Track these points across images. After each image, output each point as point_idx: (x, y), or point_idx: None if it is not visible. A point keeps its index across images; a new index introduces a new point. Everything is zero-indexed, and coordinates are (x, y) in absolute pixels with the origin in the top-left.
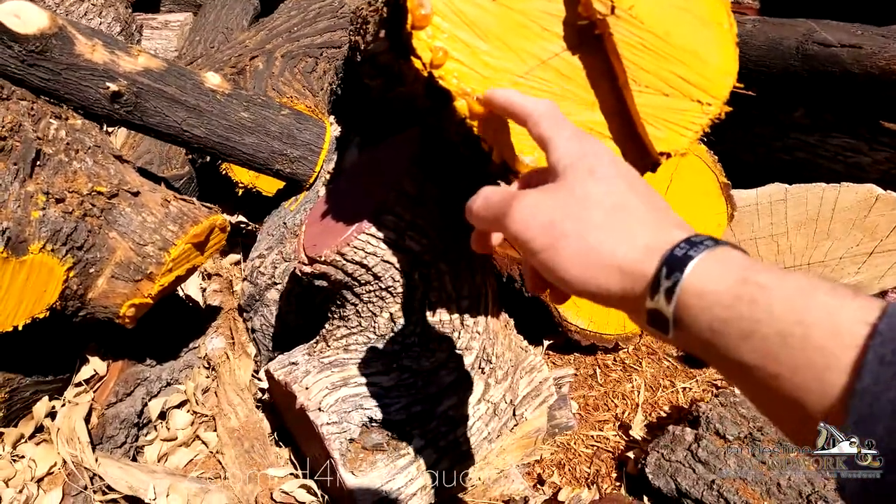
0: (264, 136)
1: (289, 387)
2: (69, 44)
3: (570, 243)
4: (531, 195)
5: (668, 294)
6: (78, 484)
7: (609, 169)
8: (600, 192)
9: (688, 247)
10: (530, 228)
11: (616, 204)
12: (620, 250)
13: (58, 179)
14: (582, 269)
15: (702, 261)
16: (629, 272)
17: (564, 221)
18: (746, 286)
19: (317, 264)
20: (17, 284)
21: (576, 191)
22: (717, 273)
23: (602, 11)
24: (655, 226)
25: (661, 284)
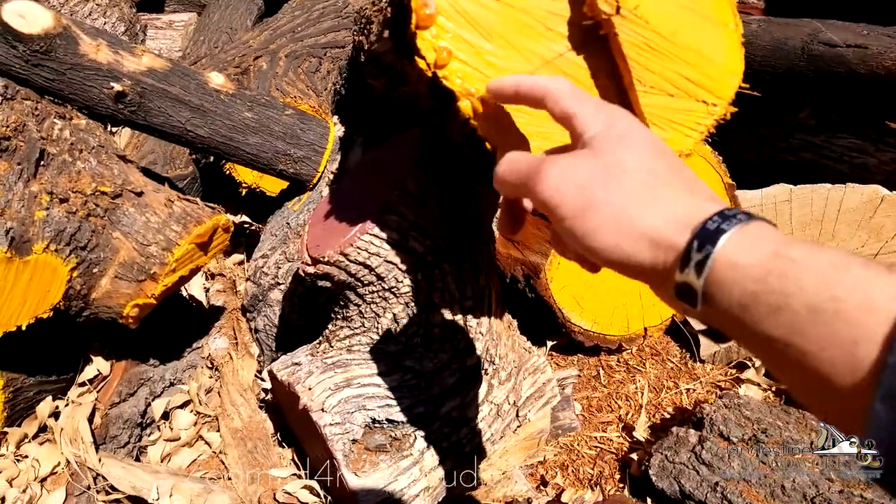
0: (268, 136)
1: (292, 387)
2: (73, 44)
3: (600, 210)
4: (562, 159)
5: (698, 267)
6: (81, 484)
7: (640, 137)
8: (633, 160)
9: (720, 220)
10: (560, 193)
11: (649, 172)
12: (652, 220)
13: (62, 179)
14: (612, 237)
15: (734, 234)
16: (660, 243)
17: (596, 187)
18: (778, 260)
19: (320, 265)
20: (21, 284)
21: (608, 157)
22: (748, 246)
23: (607, 11)
24: (688, 197)
25: (691, 257)
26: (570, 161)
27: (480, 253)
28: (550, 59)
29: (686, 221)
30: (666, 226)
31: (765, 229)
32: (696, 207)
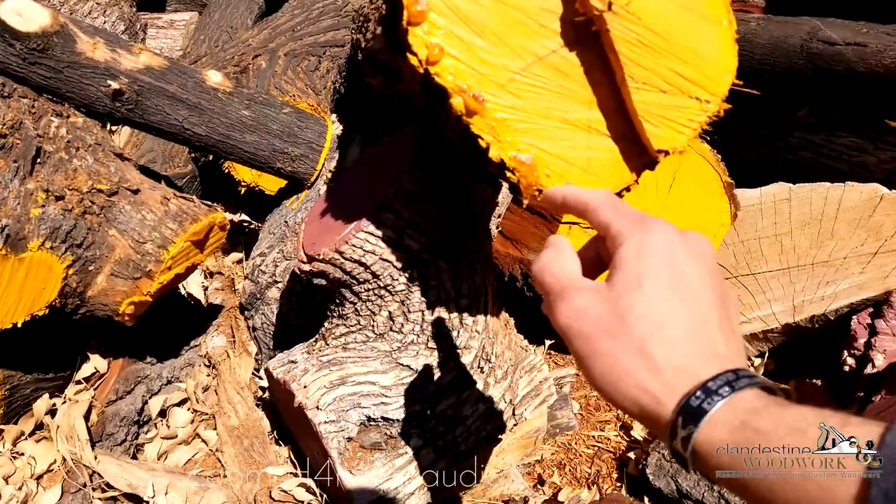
0: (265, 135)
1: (287, 385)
2: (71, 42)
3: (602, 361)
4: (579, 297)
5: (684, 442)
6: (77, 481)
7: (659, 276)
8: (642, 309)
9: (703, 396)
10: (571, 332)
11: (654, 324)
12: (643, 386)
13: (58, 177)
14: (609, 388)
15: (715, 413)
16: (648, 412)
17: (602, 338)
18: (745, 432)
19: (315, 262)
20: (17, 282)
21: (620, 303)
22: (724, 419)
23: (599, 7)
24: (683, 361)
25: (678, 433)
26: (586, 302)
27: (477, 251)
28: (543, 56)
29: (674, 390)
30: (655, 393)
31: (743, 398)
32: (686, 375)
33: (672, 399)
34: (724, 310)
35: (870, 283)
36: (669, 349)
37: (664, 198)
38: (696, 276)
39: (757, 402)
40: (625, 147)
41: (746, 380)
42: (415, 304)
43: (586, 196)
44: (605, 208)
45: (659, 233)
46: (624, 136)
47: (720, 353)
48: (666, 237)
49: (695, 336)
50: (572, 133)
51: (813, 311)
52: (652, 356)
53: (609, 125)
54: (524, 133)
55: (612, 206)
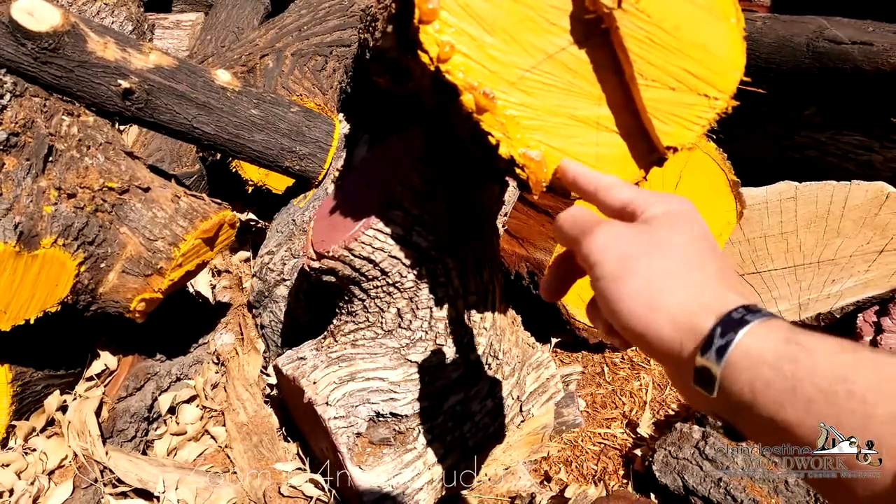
0: (274, 134)
1: (297, 381)
2: (81, 41)
3: (636, 280)
4: (617, 225)
5: (718, 353)
6: (88, 477)
7: (692, 221)
8: (679, 239)
9: (745, 311)
10: (605, 253)
11: (690, 257)
12: (680, 301)
13: (70, 175)
14: (638, 308)
15: (755, 326)
16: (683, 324)
17: (639, 258)
18: (789, 346)
19: (325, 259)
20: (30, 278)
21: (658, 233)
22: (763, 335)
23: (609, 5)
24: (718, 285)
25: (713, 343)
26: (623, 229)
27: (484, 248)
28: (553, 53)
29: (713, 308)
30: (693, 308)
31: (781, 324)
32: (723, 297)
33: (712, 311)
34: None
35: (875, 281)
36: (707, 279)
37: None
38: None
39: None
40: (633, 143)
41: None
42: (423, 301)
43: (598, 177)
44: (621, 186)
45: (681, 201)
46: (632, 133)
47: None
48: (688, 205)
49: (726, 277)
50: (581, 130)
51: (819, 309)
52: (690, 282)
53: (618, 122)
54: (534, 130)
55: (628, 185)
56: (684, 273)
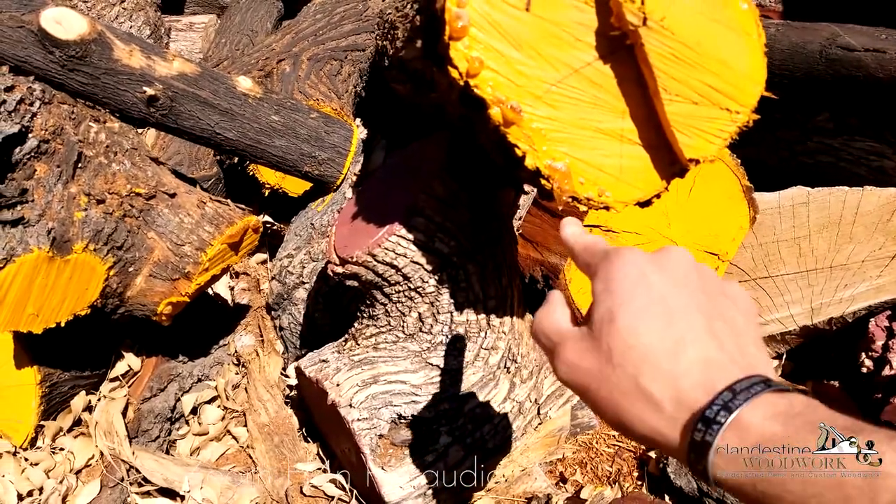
0: (294, 139)
1: (320, 384)
2: (108, 49)
3: (607, 408)
4: (568, 351)
5: (704, 476)
6: (115, 476)
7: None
8: (622, 346)
9: (704, 428)
10: (572, 386)
11: (639, 361)
12: (650, 425)
13: (98, 181)
14: (625, 432)
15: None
16: (665, 448)
17: (599, 387)
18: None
19: (348, 265)
20: (62, 282)
21: (602, 345)
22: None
23: (634, 23)
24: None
25: (695, 468)
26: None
27: (503, 254)
28: (578, 68)
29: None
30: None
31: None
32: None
33: (678, 434)
34: (714, 312)
35: (888, 287)
36: (660, 380)
37: (684, 201)
38: (671, 291)
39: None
40: (656, 156)
41: (744, 394)
42: (444, 306)
43: (571, 243)
44: (584, 254)
45: (624, 261)
46: (655, 145)
47: (714, 365)
48: (632, 263)
49: (682, 357)
50: (606, 142)
51: (831, 313)
52: (648, 394)
53: (641, 135)
54: (559, 142)
55: (587, 251)
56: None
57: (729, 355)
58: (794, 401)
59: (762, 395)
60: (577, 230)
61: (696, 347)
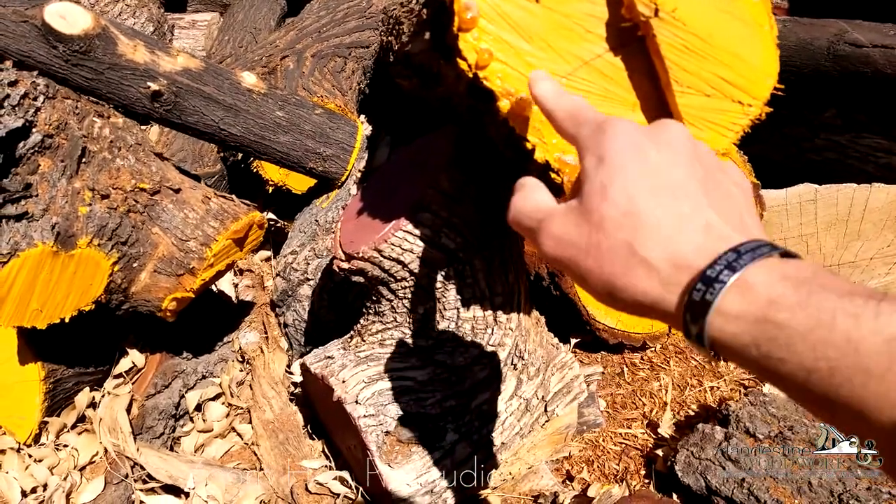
0: (298, 135)
1: (326, 380)
2: (112, 44)
3: (597, 279)
4: (555, 225)
5: (699, 339)
6: (119, 473)
7: (625, 176)
8: (615, 215)
9: (704, 287)
10: (560, 261)
11: (634, 228)
12: (643, 290)
13: (102, 176)
14: (615, 302)
15: (722, 303)
16: (655, 311)
17: (588, 257)
18: (765, 326)
19: (354, 261)
20: (66, 278)
21: (593, 217)
22: (737, 311)
23: (645, 14)
24: (675, 251)
25: (691, 330)
26: (563, 225)
27: (510, 250)
28: (588, 60)
29: (674, 286)
30: (655, 294)
31: (756, 282)
32: (681, 267)
33: (675, 296)
34: (712, 185)
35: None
36: (657, 245)
37: None
38: (667, 162)
39: (772, 287)
40: None
41: (749, 255)
42: (450, 302)
43: (550, 105)
44: (568, 122)
45: (618, 133)
46: None
47: (715, 231)
48: (626, 135)
49: (681, 223)
50: None
51: None
52: (642, 258)
53: None
54: None
55: (572, 118)
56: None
57: (729, 222)
58: (801, 265)
59: (769, 258)
60: (553, 88)
61: (694, 213)
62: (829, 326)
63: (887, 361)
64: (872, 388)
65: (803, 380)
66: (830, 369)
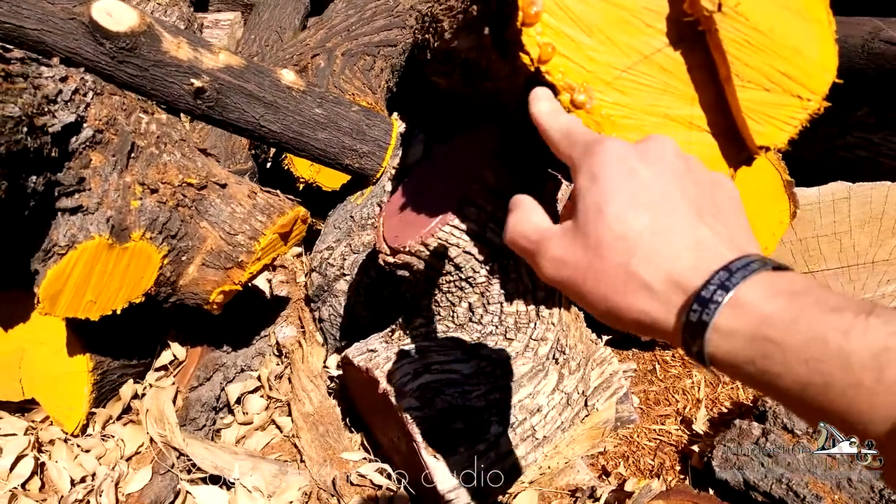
0: (336, 132)
1: (370, 373)
2: (157, 41)
3: (598, 301)
4: (553, 247)
5: (700, 357)
6: (165, 463)
7: (618, 195)
8: (611, 236)
9: (700, 308)
10: (559, 284)
11: (629, 248)
12: (643, 311)
13: (150, 171)
14: (617, 323)
15: (718, 322)
16: (656, 331)
17: (587, 280)
18: (757, 343)
19: (400, 255)
20: (119, 270)
21: (590, 238)
22: (732, 328)
23: (709, 9)
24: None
25: (691, 349)
26: (561, 246)
27: None
28: (648, 55)
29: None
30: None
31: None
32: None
33: (672, 316)
34: (702, 199)
35: None
36: (652, 266)
37: None
38: (658, 180)
39: (764, 303)
40: (724, 143)
41: (741, 273)
42: (494, 296)
43: (546, 125)
44: (562, 142)
45: (609, 152)
46: (723, 133)
47: (707, 248)
48: (617, 154)
49: (674, 241)
50: (674, 129)
51: None
52: (639, 278)
53: (709, 121)
54: (629, 129)
55: (566, 138)
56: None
57: (720, 238)
58: (793, 279)
59: (760, 273)
60: (551, 107)
61: (686, 232)
62: (821, 342)
63: (876, 374)
64: (864, 399)
65: (799, 393)
66: (825, 384)
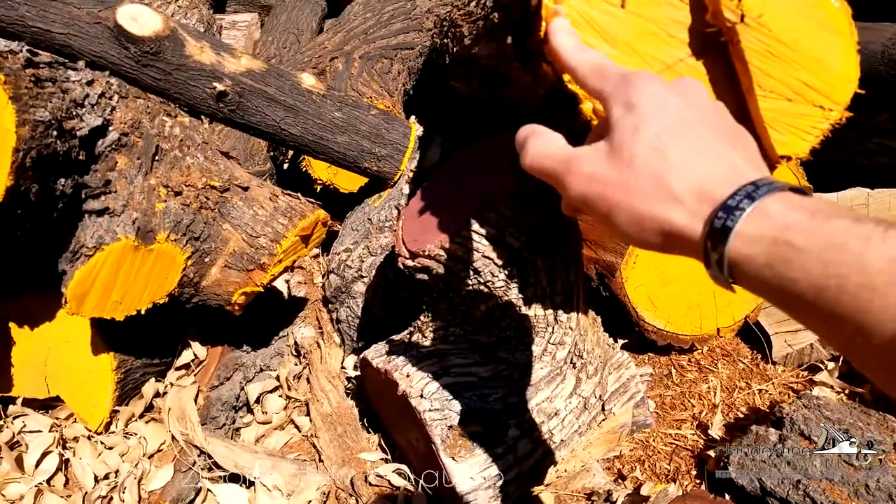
0: (355, 135)
1: (389, 374)
2: (180, 45)
3: (623, 212)
4: (585, 163)
5: (719, 265)
6: (186, 461)
7: (654, 117)
8: (646, 150)
9: (725, 215)
10: (588, 198)
11: (662, 162)
12: (667, 220)
13: (174, 174)
14: (638, 236)
15: (741, 228)
16: (679, 239)
17: (617, 191)
18: (778, 247)
19: (419, 258)
20: (145, 271)
21: (624, 153)
22: (755, 234)
23: (732, 20)
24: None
25: (710, 257)
26: (592, 164)
27: (570, 250)
28: (671, 64)
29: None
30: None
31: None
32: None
33: (698, 224)
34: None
35: None
36: (684, 178)
37: None
38: (692, 111)
39: (787, 214)
40: None
41: (766, 187)
42: (512, 301)
43: (574, 61)
44: (592, 77)
45: (646, 83)
46: None
47: (737, 167)
48: (653, 85)
49: (706, 158)
50: None
51: None
52: (669, 189)
53: None
54: None
55: (597, 73)
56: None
57: (749, 164)
58: (814, 200)
59: (785, 192)
60: (575, 42)
61: (719, 154)
62: (841, 247)
63: (890, 277)
64: (877, 302)
65: (813, 298)
66: (839, 286)
